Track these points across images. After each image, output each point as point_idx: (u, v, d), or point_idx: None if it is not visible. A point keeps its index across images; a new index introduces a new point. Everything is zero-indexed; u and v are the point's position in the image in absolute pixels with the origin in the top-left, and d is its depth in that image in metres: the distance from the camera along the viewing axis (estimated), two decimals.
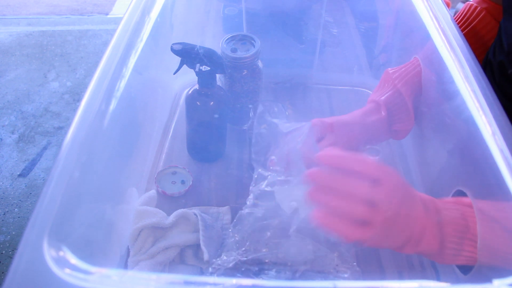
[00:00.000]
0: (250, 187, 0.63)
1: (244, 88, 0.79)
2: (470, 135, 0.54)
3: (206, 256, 0.60)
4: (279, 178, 0.60)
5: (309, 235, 0.59)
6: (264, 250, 0.59)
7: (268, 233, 0.60)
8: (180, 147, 0.83)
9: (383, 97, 0.68)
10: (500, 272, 0.42)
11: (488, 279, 0.41)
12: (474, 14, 0.77)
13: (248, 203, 0.62)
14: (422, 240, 0.46)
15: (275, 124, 0.62)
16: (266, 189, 0.60)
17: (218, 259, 0.58)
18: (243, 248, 0.59)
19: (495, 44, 0.68)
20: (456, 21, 0.79)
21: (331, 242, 0.60)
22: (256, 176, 0.63)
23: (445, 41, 0.64)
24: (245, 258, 0.58)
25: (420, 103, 0.69)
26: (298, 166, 0.56)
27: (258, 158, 0.64)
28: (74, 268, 0.41)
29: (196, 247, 0.64)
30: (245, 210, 0.61)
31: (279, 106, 0.66)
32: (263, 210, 0.61)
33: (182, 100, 0.94)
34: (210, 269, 0.57)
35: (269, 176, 0.62)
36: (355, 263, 0.59)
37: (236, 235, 0.61)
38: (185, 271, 0.63)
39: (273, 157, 0.60)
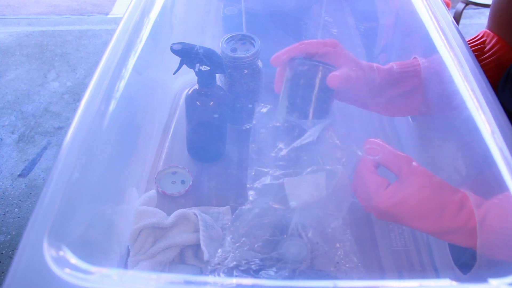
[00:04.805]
0: (248, 185, 0.63)
1: (244, 88, 0.79)
2: (469, 134, 0.54)
3: (206, 256, 0.60)
4: (288, 171, 0.60)
5: (309, 233, 0.59)
6: (261, 248, 0.59)
7: (266, 231, 0.60)
8: (180, 147, 0.83)
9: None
10: (499, 271, 0.42)
11: (487, 279, 0.41)
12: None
13: (251, 198, 0.61)
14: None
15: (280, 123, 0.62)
16: (271, 182, 0.60)
17: (216, 257, 0.58)
18: (237, 244, 0.59)
19: None
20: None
21: (331, 240, 0.60)
22: (253, 173, 0.63)
23: (445, 41, 0.64)
24: (245, 259, 0.58)
25: (420, 103, 0.69)
26: (310, 161, 0.56)
27: (256, 155, 0.64)
28: (74, 268, 0.41)
29: (196, 247, 0.64)
30: (246, 206, 0.61)
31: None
32: (262, 207, 0.61)
33: (182, 100, 0.94)
34: (209, 269, 0.57)
35: (270, 171, 0.62)
36: (359, 264, 0.59)
37: (233, 232, 0.60)
38: (185, 271, 0.63)
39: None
